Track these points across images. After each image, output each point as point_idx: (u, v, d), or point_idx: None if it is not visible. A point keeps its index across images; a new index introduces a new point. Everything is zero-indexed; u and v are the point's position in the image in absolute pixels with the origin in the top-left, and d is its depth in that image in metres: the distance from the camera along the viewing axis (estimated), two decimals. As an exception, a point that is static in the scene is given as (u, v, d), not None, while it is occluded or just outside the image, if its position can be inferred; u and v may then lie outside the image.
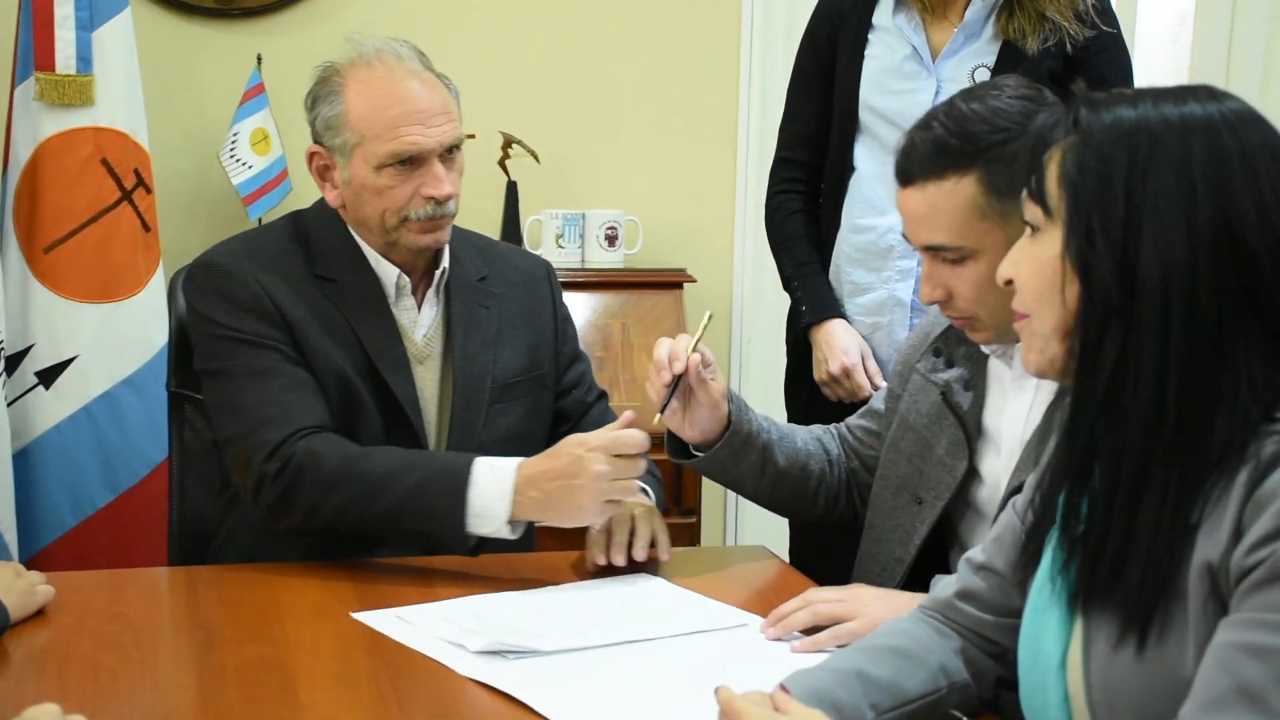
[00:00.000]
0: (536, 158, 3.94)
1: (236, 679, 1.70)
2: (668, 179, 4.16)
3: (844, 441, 2.26)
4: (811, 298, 2.84)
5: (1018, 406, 1.96)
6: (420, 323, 2.27)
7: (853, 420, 2.27)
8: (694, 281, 3.88)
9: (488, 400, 2.26)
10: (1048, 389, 1.92)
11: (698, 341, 2.04)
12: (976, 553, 1.62)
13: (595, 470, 1.95)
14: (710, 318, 2.11)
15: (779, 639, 1.83)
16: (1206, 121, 1.30)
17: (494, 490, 1.99)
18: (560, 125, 4.09)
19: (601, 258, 3.91)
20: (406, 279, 2.24)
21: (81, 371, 3.31)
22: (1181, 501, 1.28)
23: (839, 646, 1.76)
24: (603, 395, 2.47)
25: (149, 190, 3.40)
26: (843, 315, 2.81)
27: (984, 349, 2.01)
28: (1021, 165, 1.40)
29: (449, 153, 2.19)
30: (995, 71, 2.70)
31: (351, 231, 2.24)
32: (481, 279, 2.33)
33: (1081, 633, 1.36)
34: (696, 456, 2.12)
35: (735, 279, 4.22)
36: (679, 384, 2.03)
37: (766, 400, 4.16)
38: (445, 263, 2.28)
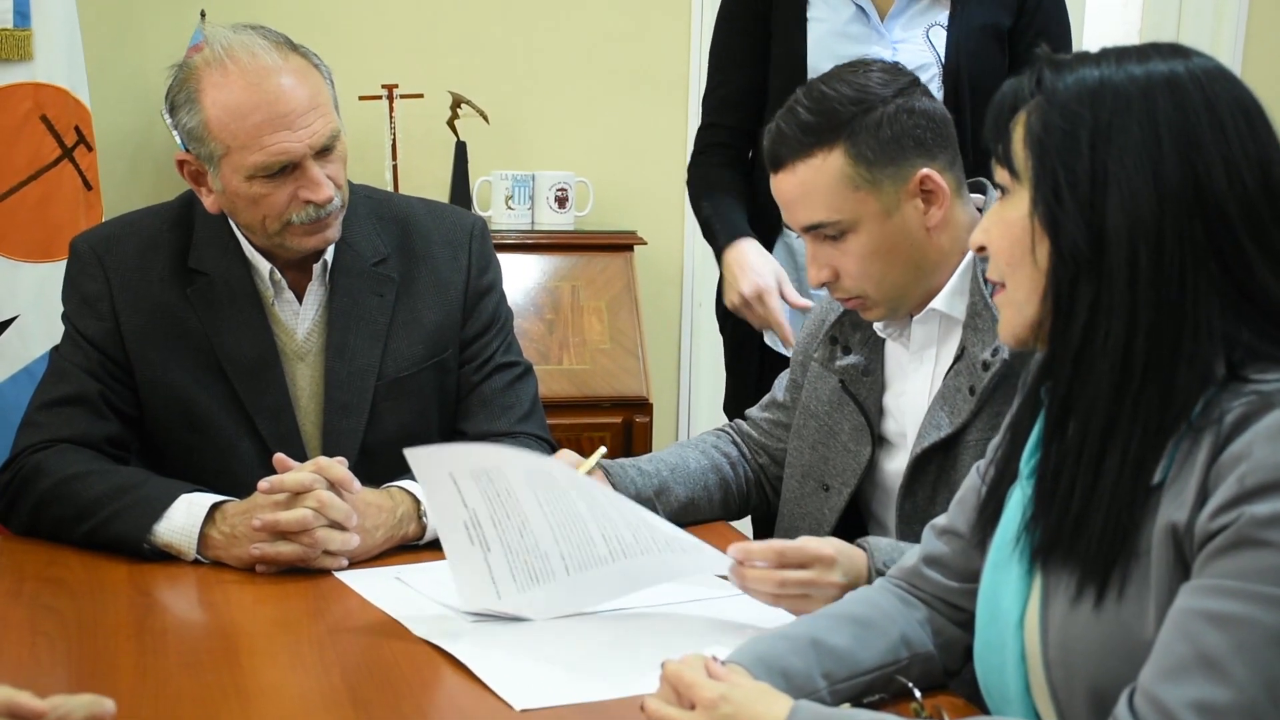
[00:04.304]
0: (486, 118, 3.90)
1: (177, 645, 1.67)
2: (619, 140, 4.13)
3: (748, 438, 2.24)
4: (724, 224, 2.65)
5: (917, 383, 1.97)
6: (303, 317, 2.17)
7: (755, 413, 2.25)
8: (645, 244, 3.85)
9: (371, 400, 2.16)
10: (945, 361, 1.93)
11: (584, 467, 1.99)
12: (940, 518, 1.62)
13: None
14: (601, 450, 2.05)
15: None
16: (1171, 77, 1.29)
17: (183, 526, 1.93)
18: (510, 85, 4.05)
19: (552, 219, 3.87)
20: (280, 275, 2.14)
21: (22, 332, 3.26)
22: (1144, 458, 1.27)
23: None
24: (507, 368, 2.27)
25: (90, 148, 3.33)
26: (755, 238, 2.61)
27: (879, 331, 2.01)
28: (989, 131, 1.38)
29: (325, 148, 2.05)
30: (950, 30, 2.67)
31: (232, 224, 2.14)
32: (379, 262, 2.19)
33: (1040, 590, 1.36)
34: None
35: (686, 241, 4.20)
36: None
37: (716, 365, 4.15)
38: (327, 254, 2.15)
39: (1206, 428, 1.24)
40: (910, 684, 1.50)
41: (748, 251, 2.57)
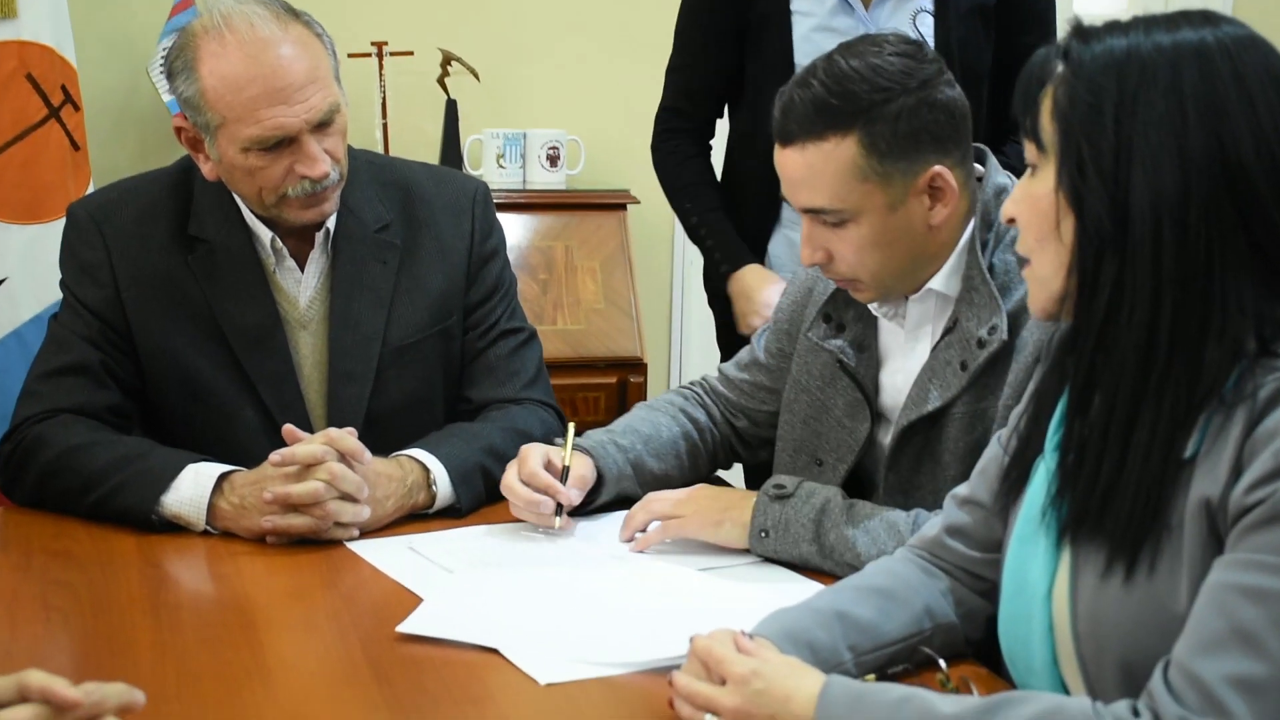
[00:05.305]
0: (476, 75, 3.86)
1: (192, 620, 1.65)
2: (609, 98, 4.09)
3: (723, 399, 2.20)
4: (724, 247, 2.70)
5: (915, 361, 1.94)
6: (305, 285, 2.14)
7: (733, 373, 2.20)
8: (638, 203, 3.82)
9: (377, 367, 2.14)
10: (939, 338, 1.90)
11: (568, 456, 1.97)
12: (961, 488, 1.61)
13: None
14: (571, 428, 2.03)
15: (629, 540, 1.91)
16: (1199, 46, 1.28)
17: (191, 496, 1.92)
18: (500, 42, 4.01)
19: (543, 178, 3.84)
20: (281, 243, 2.11)
21: (10, 295, 3.22)
22: (1174, 432, 1.26)
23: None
24: (511, 334, 2.26)
25: (77, 107, 3.29)
26: (758, 260, 2.69)
27: (874, 310, 1.98)
28: (1016, 104, 1.37)
29: (324, 122, 2.01)
30: (936, 15, 2.60)
31: (233, 191, 2.11)
32: (381, 228, 2.16)
33: (1069, 563, 1.35)
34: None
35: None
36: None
37: (707, 325, 4.13)
38: (329, 223, 2.12)
39: (1239, 403, 1.24)
40: (935, 654, 1.50)
41: (751, 281, 2.65)
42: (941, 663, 1.48)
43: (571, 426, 2.03)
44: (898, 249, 1.86)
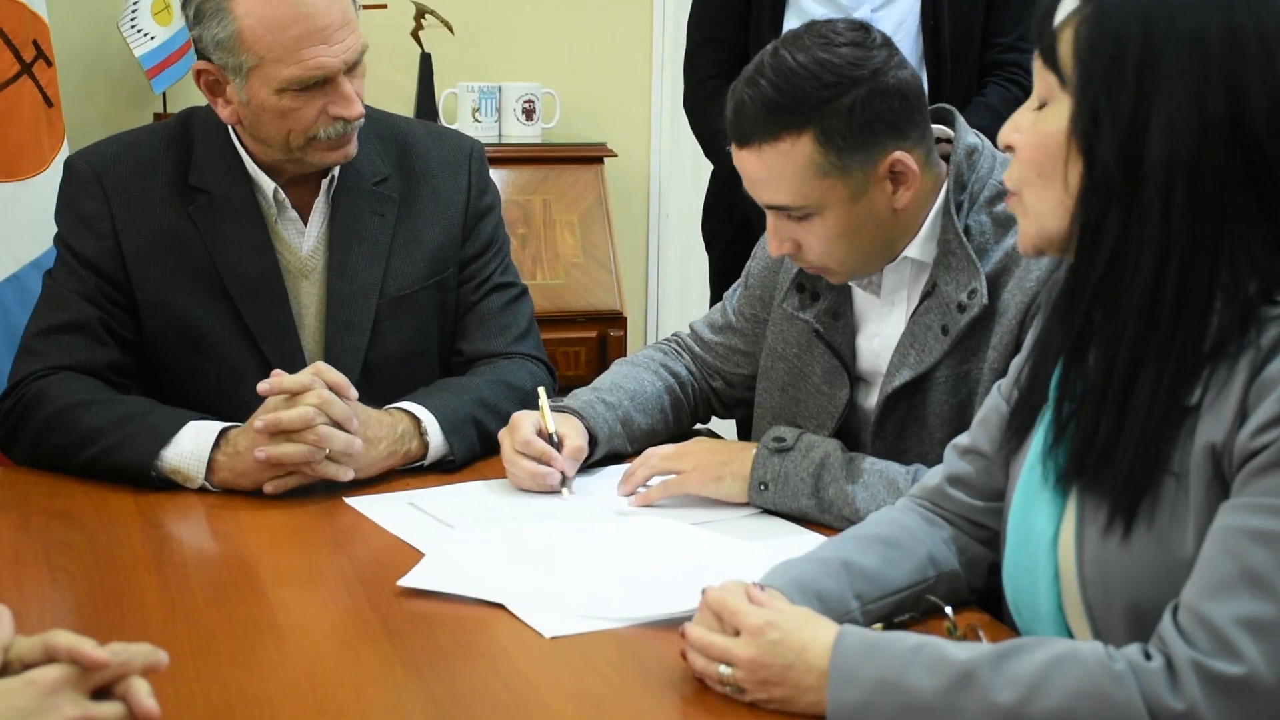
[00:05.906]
0: (450, 28, 3.84)
1: (199, 579, 1.66)
2: (585, 50, 4.08)
3: (699, 360, 2.21)
4: None
5: (892, 325, 1.95)
6: (308, 234, 2.16)
7: (707, 335, 2.20)
8: (615, 156, 3.81)
9: (374, 318, 2.16)
10: (917, 300, 1.91)
11: (547, 422, 1.97)
12: (962, 438, 1.62)
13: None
14: (542, 392, 2.02)
15: (630, 495, 1.93)
16: (1225, 2, 1.26)
17: (192, 450, 1.92)
18: (473, -6, 3.99)
19: (519, 132, 3.83)
20: (283, 193, 2.13)
21: (-14, 254, 3.18)
22: (1177, 390, 1.27)
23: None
24: (504, 288, 2.28)
25: (50, 63, 3.23)
26: None
27: (849, 281, 1.98)
28: (1033, 32, 1.35)
29: (355, 63, 2.06)
30: None
31: (235, 141, 2.12)
32: (380, 181, 2.19)
33: (1075, 511, 1.36)
34: None
35: (652, 153, 4.17)
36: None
37: (683, 277, 4.15)
38: (334, 170, 2.15)
39: (1243, 349, 1.25)
40: (940, 602, 1.52)
41: None
42: (948, 610, 1.50)
43: (543, 391, 2.03)
44: (864, 235, 1.86)
